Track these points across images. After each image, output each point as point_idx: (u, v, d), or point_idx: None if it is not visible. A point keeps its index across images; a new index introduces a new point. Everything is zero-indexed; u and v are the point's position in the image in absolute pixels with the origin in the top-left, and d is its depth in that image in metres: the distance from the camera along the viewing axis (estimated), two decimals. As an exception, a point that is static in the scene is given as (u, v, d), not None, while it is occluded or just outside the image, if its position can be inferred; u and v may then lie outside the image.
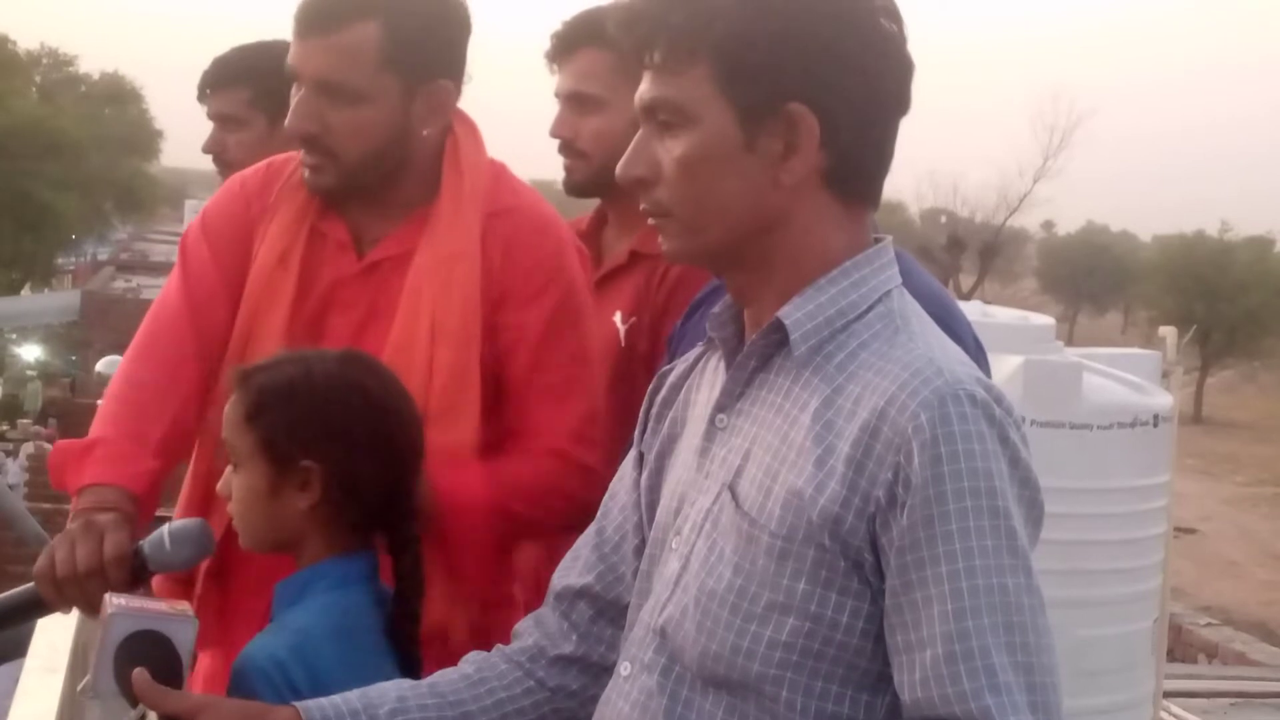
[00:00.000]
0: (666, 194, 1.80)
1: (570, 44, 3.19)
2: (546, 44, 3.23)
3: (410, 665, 2.25)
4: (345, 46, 2.53)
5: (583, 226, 3.32)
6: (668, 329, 3.09)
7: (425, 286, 2.60)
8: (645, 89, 1.81)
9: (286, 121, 2.60)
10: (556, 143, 3.24)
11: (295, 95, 2.59)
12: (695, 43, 1.75)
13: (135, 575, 2.29)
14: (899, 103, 1.81)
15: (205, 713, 1.91)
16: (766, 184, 1.77)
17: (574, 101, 3.19)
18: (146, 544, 2.29)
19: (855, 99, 1.76)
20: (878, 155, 1.82)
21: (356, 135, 2.57)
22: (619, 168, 1.84)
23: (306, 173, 2.62)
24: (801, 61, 1.74)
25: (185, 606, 2.07)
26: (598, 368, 2.76)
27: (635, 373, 3.09)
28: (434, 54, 2.61)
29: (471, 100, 2.72)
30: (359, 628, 2.23)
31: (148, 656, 1.98)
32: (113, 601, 2.04)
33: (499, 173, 2.73)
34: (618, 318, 3.16)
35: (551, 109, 3.26)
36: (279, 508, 2.24)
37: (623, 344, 3.14)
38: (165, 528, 2.30)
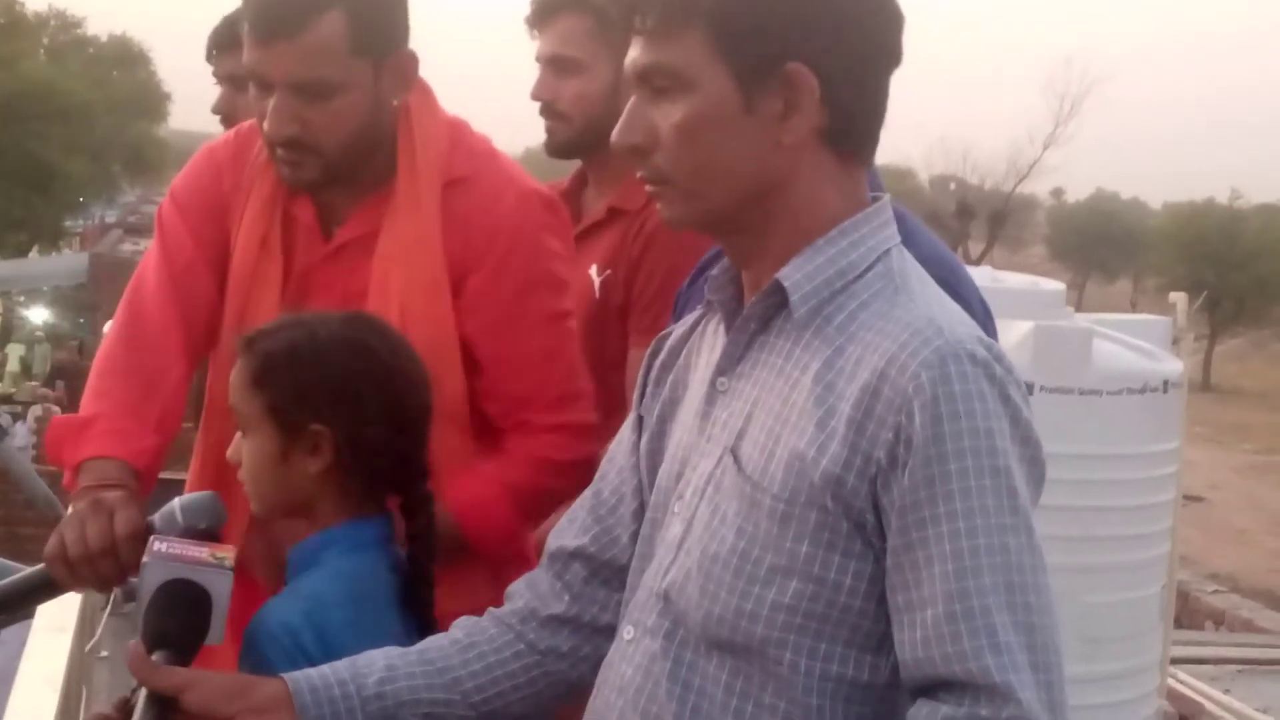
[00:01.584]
0: (665, 161, 1.79)
1: (550, 8, 3.27)
2: (527, 9, 3.27)
3: (426, 630, 2.24)
4: (314, 45, 2.48)
5: (564, 187, 3.37)
6: (640, 282, 3.13)
7: (391, 271, 2.59)
8: (638, 55, 1.79)
9: (264, 128, 2.53)
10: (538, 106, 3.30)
11: (259, 98, 2.53)
12: (690, 7, 1.74)
13: None
14: (892, 55, 1.81)
15: (193, 688, 1.89)
16: (768, 145, 1.76)
17: (554, 65, 3.25)
18: (158, 518, 2.28)
19: (852, 54, 1.76)
20: (874, 110, 1.82)
21: (336, 126, 2.53)
22: (614, 136, 1.82)
23: (285, 170, 2.57)
24: (798, 20, 1.74)
25: (227, 554, 2.03)
26: (571, 319, 2.75)
27: (608, 324, 3.20)
28: (394, 25, 2.58)
29: (458, 69, 2.70)
30: (372, 593, 2.22)
31: (181, 605, 1.96)
32: (154, 546, 2.02)
33: (456, 135, 2.68)
34: (593, 270, 3.22)
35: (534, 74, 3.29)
36: (289, 472, 2.23)
37: (597, 296, 3.21)
38: (176, 501, 2.28)
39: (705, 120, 1.76)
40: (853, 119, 1.79)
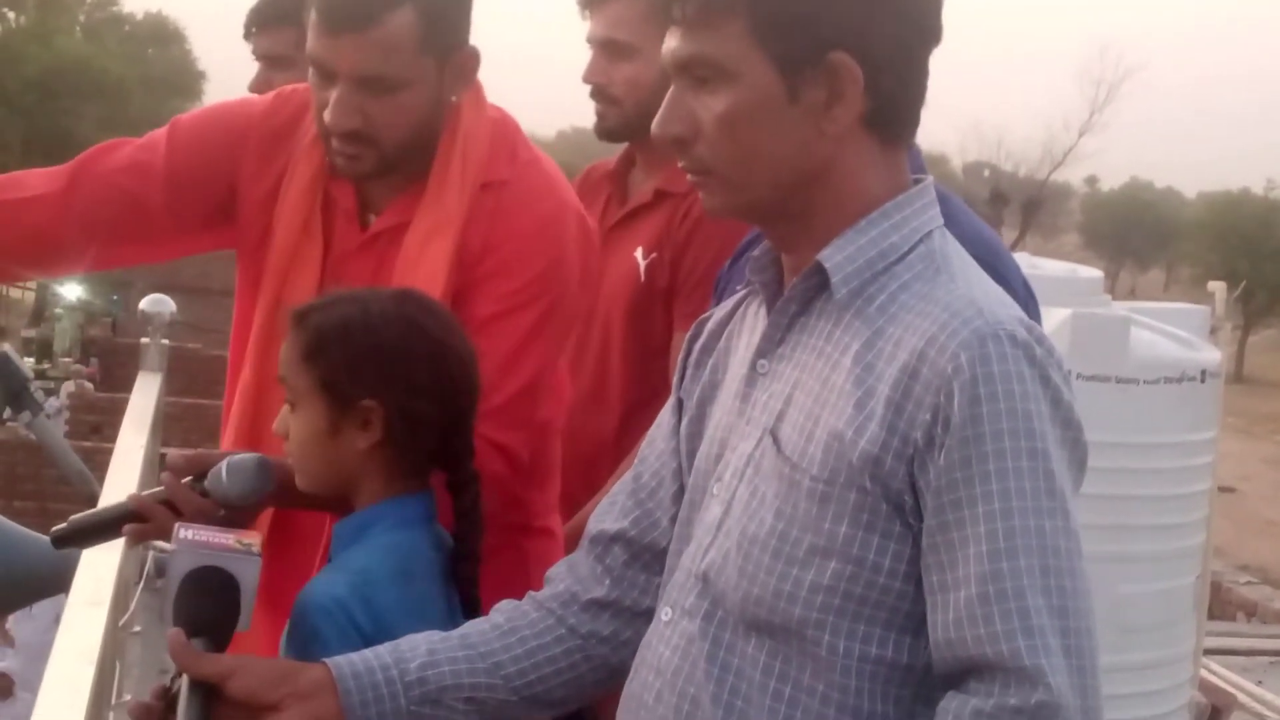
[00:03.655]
0: (707, 151, 1.78)
1: None
2: None
3: (470, 607, 2.25)
4: (384, 40, 2.46)
5: (610, 167, 3.35)
6: (686, 266, 3.13)
7: (409, 264, 2.57)
8: (678, 45, 1.78)
9: (325, 118, 2.52)
10: (588, 88, 3.28)
11: (320, 87, 2.52)
12: None
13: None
14: (933, 35, 1.80)
15: (237, 675, 1.89)
16: (811, 134, 1.76)
17: (606, 48, 3.23)
18: (209, 476, 2.30)
19: (894, 39, 1.75)
20: (916, 92, 1.81)
21: (398, 121, 2.52)
22: (654, 126, 1.81)
23: (340, 160, 2.55)
24: (840, 8, 1.73)
25: (254, 541, 2.03)
26: (555, 341, 2.66)
27: (653, 307, 3.18)
28: (460, 23, 2.57)
29: (496, 49, 2.69)
30: (418, 569, 2.22)
31: (211, 592, 1.96)
32: (180, 534, 2.02)
33: (500, 137, 2.66)
34: (639, 253, 3.20)
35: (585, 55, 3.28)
36: (338, 447, 2.23)
37: (642, 279, 3.19)
38: (224, 461, 2.30)
39: (748, 111, 1.75)
40: (895, 103, 1.78)
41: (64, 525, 2.35)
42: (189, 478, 2.32)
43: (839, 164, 1.77)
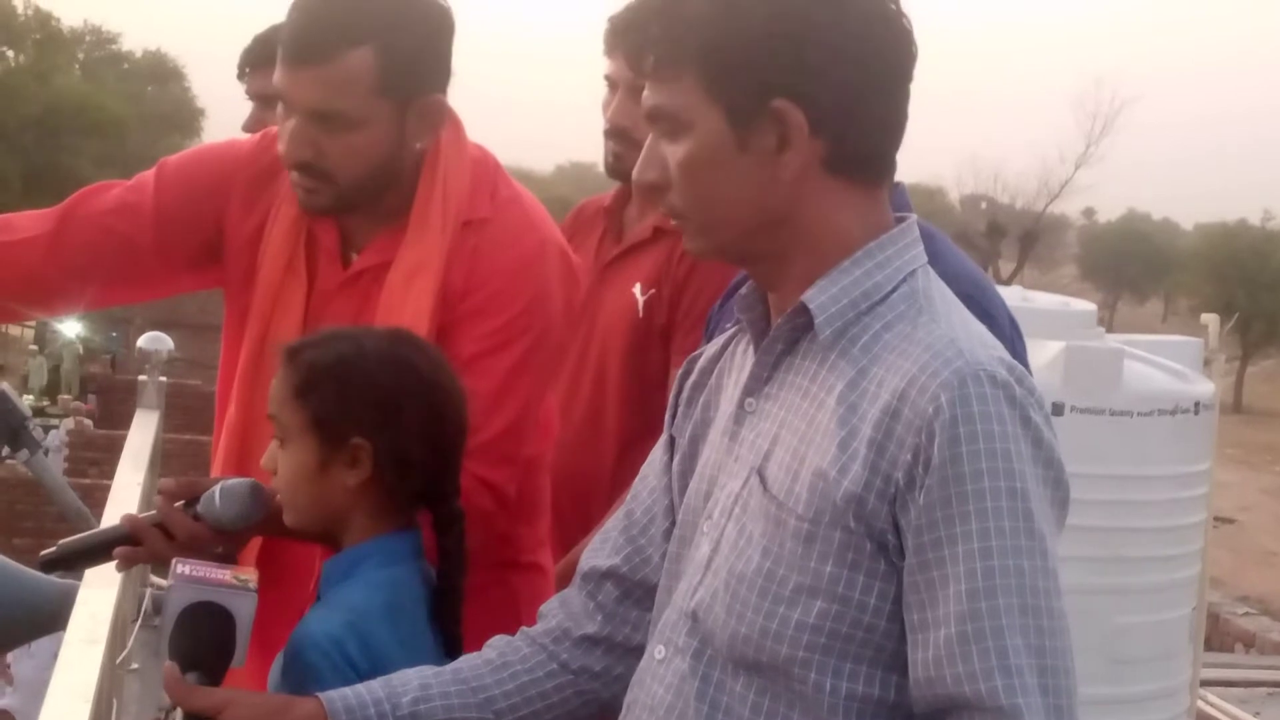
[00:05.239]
0: (677, 197, 1.82)
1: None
2: (607, 28, 3.24)
3: (451, 643, 2.26)
4: (339, 77, 2.48)
5: (605, 203, 3.37)
6: (685, 303, 3.14)
7: (393, 302, 2.59)
8: (645, 96, 1.83)
9: (280, 148, 2.55)
10: (595, 127, 3.27)
11: (283, 119, 2.55)
12: (678, 52, 1.77)
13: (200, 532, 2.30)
14: (896, 75, 1.80)
15: (230, 709, 1.91)
16: (766, 180, 1.78)
17: (635, 92, 3.20)
18: (202, 500, 2.31)
19: (841, 85, 1.75)
20: (880, 132, 1.81)
21: (352, 159, 2.53)
22: (634, 173, 1.86)
23: (300, 193, 2.58)
24: (779, 58, 1.75)
25: (250, 576, 2.05)
26: (540, 377, 2.67)
27: (650, 343, 3.19)
28: (426, 71, 2.58)
29: (496, 89, 2.69)
30: (409, 605, 2.23)
31: (207, 627, 1.98)
32: (177, 569, 2.04)
33: (480, 176, 2.67)
34: (637, 289, 3.21)
35: (588, 96, 3.27)
36: (327, 485, 2.24)
37: (640, 315, 3.20)
38: (219, 485, 2.31)
39: (703, 159, 1.79)
40: (856, 146, 1.79)
41: (53, 548, 2.35)
42: (181, 502, 2.34)
43: (805, 208, 1.79)
